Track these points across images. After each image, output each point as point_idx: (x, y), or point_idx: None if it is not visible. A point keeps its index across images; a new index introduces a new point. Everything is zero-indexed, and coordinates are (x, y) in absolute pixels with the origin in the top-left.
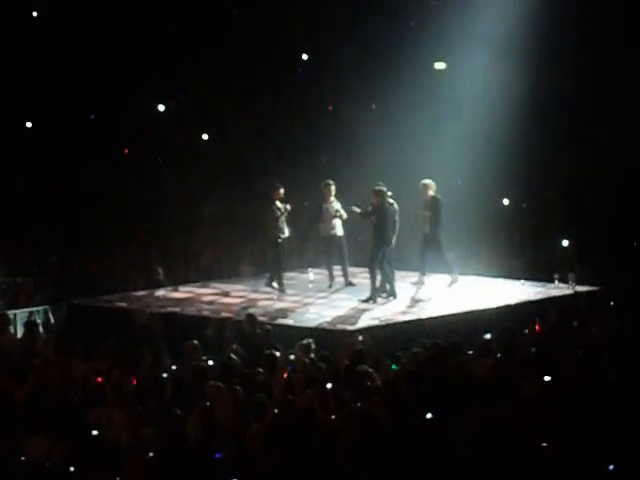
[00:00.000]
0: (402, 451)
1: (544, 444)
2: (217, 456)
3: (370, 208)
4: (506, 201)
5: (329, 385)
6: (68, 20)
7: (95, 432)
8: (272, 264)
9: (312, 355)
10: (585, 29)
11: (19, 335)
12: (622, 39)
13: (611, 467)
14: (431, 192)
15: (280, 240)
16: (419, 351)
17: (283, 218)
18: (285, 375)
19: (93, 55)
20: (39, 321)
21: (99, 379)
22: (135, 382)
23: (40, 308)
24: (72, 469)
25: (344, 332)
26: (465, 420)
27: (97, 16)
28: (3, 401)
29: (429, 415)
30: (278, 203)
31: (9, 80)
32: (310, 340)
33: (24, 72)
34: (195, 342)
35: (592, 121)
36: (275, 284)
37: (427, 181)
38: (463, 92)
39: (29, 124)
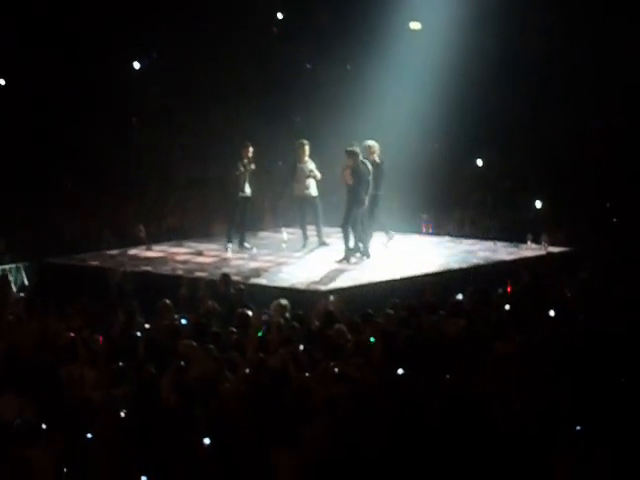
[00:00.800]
0: (376, 408)
1: (514, 402)
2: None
3: (348, 170)
4: (479, 162)
5: (302, 345)
6: None
7: (67, 390)
8: (238, 222)
9: (286, 315)
10: None
11: None
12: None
13: (578, 428)
14: (374, 155)
15: (238, 197)
16: (392, 312)
17: (246, 176)
18: (259, 335)
19: (66, 11)
20: (11, 279)
21: (71, 337)
22: (103, 340)
23: (12, 266)
24: (43, 427)
25: (317, 292)
26: (437, 378)
27: None
28: None
29: (400, 371)
30: (245, 161)
31: None
32: (285, 301)
33: None
34: (167, 301)
35: (569, 82)
36: (247, 244)
37: (371, 143)
38: (438, 52)
39: (2, 81)
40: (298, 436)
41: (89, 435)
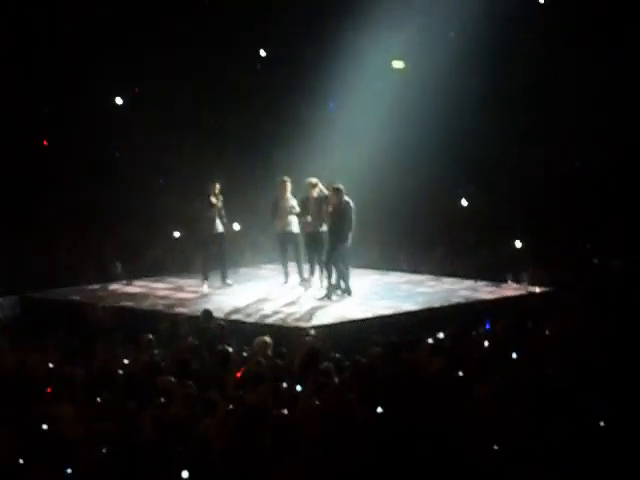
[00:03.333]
0: (357, 446)
1: (493, 441)
2: None
3: (330, 207)
4: (464, 202)
5: (284, 382)
6: (23, 9)
7: (45, 426)
8: (217, 258)
9: (269, 352)
10: (542, 29)
11: None
12: (579, 39)
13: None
14: (314, 190)
15: (210, 234)
16: (378, 350)
17: (214, 213)
18: (239, 372)
19: (47, 44)
20: None
21: (50, 372)
22: (82, 375)
23: None
24: (20, 462)
25: (298, 329)
26: (416, 416)
27: (53, 5)
28: None
29: (380, 410)
30: (212, 198)
31: None
32: (268, 338)
33: None
34: (149, 336)
35: (547, 122)
36: (229, 280)
37: (313, 180)
38: (421, 91)
39: None
40: (278, 472)
41: (69, 470)
